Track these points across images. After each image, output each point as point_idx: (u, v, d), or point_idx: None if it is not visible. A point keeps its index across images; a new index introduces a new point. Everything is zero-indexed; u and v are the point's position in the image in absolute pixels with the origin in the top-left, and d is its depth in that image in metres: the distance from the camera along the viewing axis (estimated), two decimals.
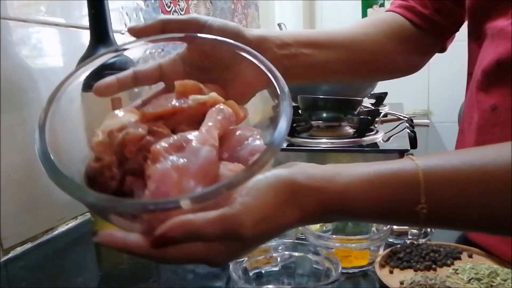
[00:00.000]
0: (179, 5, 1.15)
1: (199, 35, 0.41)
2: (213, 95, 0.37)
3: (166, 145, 0.32)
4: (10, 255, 0.61)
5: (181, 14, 1.16)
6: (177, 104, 0.36)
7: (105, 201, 0.29)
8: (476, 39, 0.58)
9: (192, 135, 0.33)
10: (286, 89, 0.35)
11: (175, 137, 0.33)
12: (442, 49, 0.65)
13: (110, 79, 0.40)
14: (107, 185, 0.33)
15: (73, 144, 0.38)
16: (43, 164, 0.32)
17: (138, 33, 0.42)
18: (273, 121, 0.36)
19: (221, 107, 0.36)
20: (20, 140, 0.64)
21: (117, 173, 0.33)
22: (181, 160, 0.31)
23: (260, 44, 0.46)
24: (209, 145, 0.33)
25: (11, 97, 0.63)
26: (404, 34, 0.60)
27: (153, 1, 1.02)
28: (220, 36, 0.41)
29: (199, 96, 0.36)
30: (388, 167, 0.33)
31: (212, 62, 0.42)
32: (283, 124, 0.32)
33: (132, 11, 0.94)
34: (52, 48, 0.72)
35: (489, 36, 0.52)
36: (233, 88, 0.42)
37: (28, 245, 0.63)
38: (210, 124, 0.34)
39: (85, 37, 0.75)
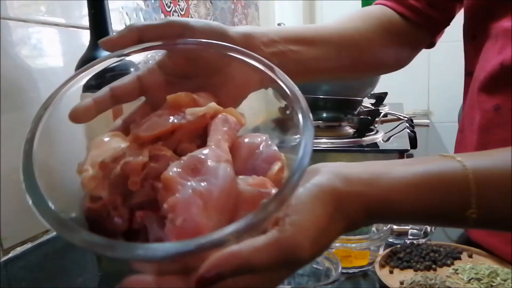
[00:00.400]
0: (179, 5, 1.15)
1: (184, 40, 0.38)
2: (212, 105, 0.34)
3: (179, 169, 0.28)
4: (10, 255, 0.61)
5: (181, 14, 1.16)
6: (175, 121, 0.32)
7: (134, 250, 0.24)
8: (472, 39, 0.57)
9: (203, 154, 0.29)
10: (296, 88, 0.33)
11: (184, 158, 0.29)
12: (431, 44, 0.64)
13: (86, 102, 0.35)
14: (114, 227, 0.28)
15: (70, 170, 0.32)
16: (34, 204, 0.27)
17: (112, 46, 0.38)
18: (283, 123, 0.35)
19: (225, 117, 0.33)
20: (20, 140, 0.64)
21: (125, 212, 0.29)
22: (202, 184, 0.28)
23: (247, 42, 0.43)
24: (224, 162, 0.30)
25: (11, 97, 0.63)
26: (394, 28, 0.58)
27: (153, 1, 1.02)
28: (205, 36, 0.38)
29: (197, 109, 0.33)
30: (434, 169, 0.32)
31: (197, 67, 0.39)
32: (309, 129, 0.30)
33: (132, 11, 0.95)
34: (52, 48, 0.72)
35: (493, 36, 0.52)
36: (224, 93, 0.39)
37: (28, 245, 0.63)
38: (218, 137, 0.31)
39: (85, 37, 0.75)
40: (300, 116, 0.31)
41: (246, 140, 0.34)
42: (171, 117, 0.32)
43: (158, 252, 0.24)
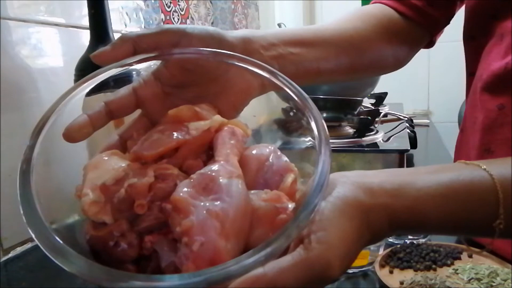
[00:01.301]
0: (179, 5, 1.15)
1: (185, 49, 0.36)
2: (216, 118, 0.32)
3: (190, 189, 0.26)
4: (10, 255, 0.61)
5: (181, 14, 1.16)
6: (179, 137, 0.30)
7: (145, 281, 0.22)
8: (471, 39, 0.57)
9: (214, 171, 0.28)
10: (303, 92, 0.32)
11: (194, 177, 0.27)
12: (430, 44, 0.64)
13: (81, 119, 0.34)
14: (122, 255, 0.26)
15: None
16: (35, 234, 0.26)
17: (105, 60, 0.36)
18: (287, 124, 0.33)
19: (232, 129, 0.32)
20: (20, 140, 0.64)
21: (133, 237, 0.27)
22: (216, 203, 0.26)
23: (246, 47, 0.42)
24: (236, 177, 0.28)
25: (11, 97, 0.63)
26: (393, 27, 0.58)
27: (153, 1, 1.02)
28: (201, 45, 0.37)
29: (201, 123, 0.31)
30: (460, 179, 0.31)
31: (194, 76, 0.37)
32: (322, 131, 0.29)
33: (132, 11, 0.95)
34: (52, 48, 0.72)
35: (497, 35, 0.52)
36: (224, 101, 0.37)
37: (28, 245, 0.63)
38: (227, 151, 0.30)
39: (85, 37, 0.75)
40: (314, 125, 0.30)
41: (254, 152, 0.32)
42: (175, 133, 0.30)
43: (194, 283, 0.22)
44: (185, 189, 0.26)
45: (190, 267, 0.24)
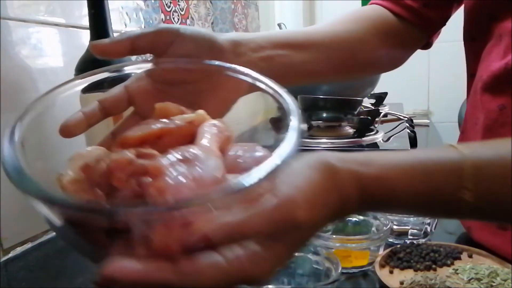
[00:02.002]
0: (179, 5, 1.15)
1: (169, 60, 0.38)
2: (201, 112, 0.33)
3: (169, 160, 0.26)
4: (10, 255, 0.61)
5: (181, 14, 1.16)
6: (163, 126, 0.31)
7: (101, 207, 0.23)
8: (472, 40, 0.57)
9: (193, 147, 0.28)
10: (283, 90, 0.33)
11: (172, 151, 0.27)
12: (427, 45, 0.64)
13: (76, 116, 0.36)
14: (95, 224, 0.25)
15: None
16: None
17: (103, 51, 0.37)
18: (277, 122, 0.33)
19: (213, 122, 0.32)
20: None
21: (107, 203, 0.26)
22: (193, 170, 0.26)
23: (235, 49, 0.43)
24: (215, 156, 0.28)
25: (11, 97, 0.63)
26: (388, 29, 0.58)
27: (153, 1, 1.02)
28: (194, 45, 0.39)
29: (186, 115, 0.33)
30: (428, 153, 0.32)
31: (185, 74, 0.39)
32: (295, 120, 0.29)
33: (132, 11, 0.95)
34: (52, 48, 0.72)
35: (496, 36, 0.52)
36: (213, 98, 0.39)
37: (28, 245, 0.63)
38: (207, 137, 0.30)
39: (85, 37, 0.75)
40: (289, 107, 0.30)
41: (236, 147, 0.32)
42: (159, 124, 0.31)
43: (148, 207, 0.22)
44: (164, 160, 0.26)
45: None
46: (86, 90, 0.54)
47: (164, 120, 0.32)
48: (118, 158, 0.27)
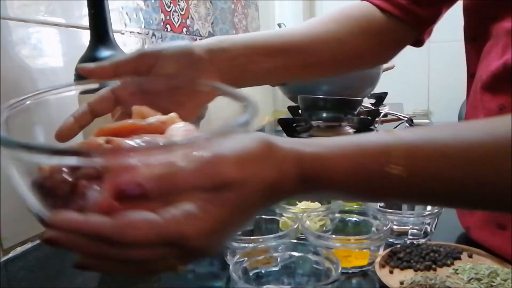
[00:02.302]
0: (179, 5, 1.15)
1: (134, 80, 0.44)
2: (173, 115, 0.36)
3: (132, 141, 0.30)
4: (10, 255, 0.61)
5: (181, 14, 1.16)
6: (136, 122, 0.36)
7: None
8: (473, 40, 0.57)
9: (156, 137, 0.32)
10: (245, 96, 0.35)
11: (136, 138, 0.31)
12: (418, 42, 0.64)
13: (68, 121, 0.40)
14: (57, 189, 0.28)
15: None
16: None
17: (89, 73, 0.43)
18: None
19: (182, 123, 0.35)
20: (20, 140, 0.64)
21: (69, 176, 0.28)
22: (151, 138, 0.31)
23: (211, 58, 0.48)
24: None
25: (11, 97, 0.63)
26: (374, 27, 0.58)
27: (153, 1, 1.02)
28: (174, 64, 0.44)
29: (159, 116, 0.36)
30: (366, 137, 0.34)
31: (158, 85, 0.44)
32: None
33: (132, 11, 0.95)
34: (52, 48, 0.72)
35: (494, 36, 0.52)
36: (186, 104, 0.43)
37: (28, 245, 0.63)
38: (174, 133, 0.33)
39: (85, 37, 0.75)
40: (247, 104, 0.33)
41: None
42: (132, 120, 0.36)
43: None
44: (127, 141, 0.30)
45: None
46: (84, 91, 0.58)
47: (140, 119, 0.37)
48: (90, 141, 0.31)
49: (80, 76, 0.63)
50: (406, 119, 1.14)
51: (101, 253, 0.26)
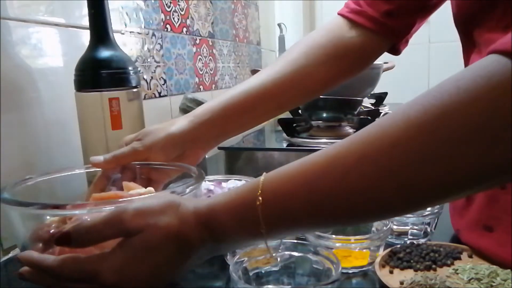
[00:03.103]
0: (179, 5, 1.15)
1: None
2: (150, 189, 0.51)
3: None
4: (10, 255, 0.61)
5: (181, 14, 1.16)
6: (118, 193, 0.49)
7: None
8: (463, 47, 0.57)
9: None
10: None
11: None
12: (395, 50, 0.67)
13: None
14: (41, 237, 0.42)
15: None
16: None
17: (97, 166, 0.56)
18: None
19: (143, 189, 0.50)
20: (20, 140, 0.64)
21: (50, 230, 0.43)
22: None
23: (193, 139, 0.58)
24: None
25: (11, 97, 0.63)
26: (341, 50, 0.62)
27: (153, 1, 1.02)
28: (164, 153, 0.56)
29: (138, 190, 0.50)
30: (243, 191, 0.37)
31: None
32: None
33: (132, 11, 0.95)
34: (52, 48, 0.72)
35: (476, 45, 0.52)
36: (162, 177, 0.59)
37: None
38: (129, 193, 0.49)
39: (85, 37, 0.75)
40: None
41: None
42: (114, 191, 0.52)
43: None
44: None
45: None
46: (82, 88, 0.61)
47: (124, 191, 0.51)
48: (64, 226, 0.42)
49: (81, 76, 0.63)
50: None
51: (47, 283, 0.37)
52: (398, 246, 0.53)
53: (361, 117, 0.99)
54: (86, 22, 0.64)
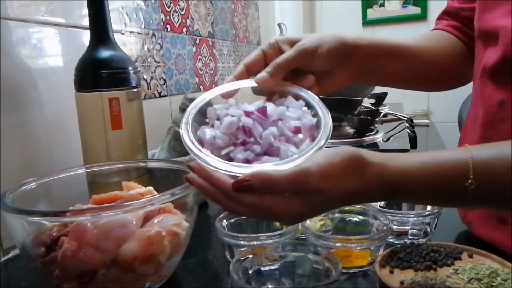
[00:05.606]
0: (179, 5, 1.15)
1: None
2: (150, 188, 0.53)
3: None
4: (10, 255, 0.61)
5: (181, 14, 1.16)
6: (119, 193, 0.51)
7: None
8: (477, 38, 0.58)
9: None
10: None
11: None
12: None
13: (229, 80, 0.49)
14: (44, 240, 0.44)
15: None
16: None
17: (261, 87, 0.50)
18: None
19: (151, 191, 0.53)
20: (20, 140, 0.64)
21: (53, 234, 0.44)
22: None
23: (351, 54, 0.52)
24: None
25: (11, 97, 0.63)
26: (458, 50, 0.63)
27: (153, 1, 1.02)
28: (330, 59, 0.52)
29: (138, 189, 0.51)
30: (444, 153, 0.38)
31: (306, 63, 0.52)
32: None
33: (132, 11, 0.95)
34: (52, 48, 0.72)
35: (476, 37, 0.53)
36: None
37: None
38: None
39: (85, 37, 0.75)
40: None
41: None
42: (117, 191, 0.53)
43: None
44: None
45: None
46: (82, 88, 0.61)
47: (124, 191, 0.52)
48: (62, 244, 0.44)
49: (81, 76, 0.63)
50: (406, 119, 1.14)
51: (219, 200, 0.39)
52: (398, 246, 0.53)
53: (361, 117, 0.99)
54: (86, 22, 0.64)
